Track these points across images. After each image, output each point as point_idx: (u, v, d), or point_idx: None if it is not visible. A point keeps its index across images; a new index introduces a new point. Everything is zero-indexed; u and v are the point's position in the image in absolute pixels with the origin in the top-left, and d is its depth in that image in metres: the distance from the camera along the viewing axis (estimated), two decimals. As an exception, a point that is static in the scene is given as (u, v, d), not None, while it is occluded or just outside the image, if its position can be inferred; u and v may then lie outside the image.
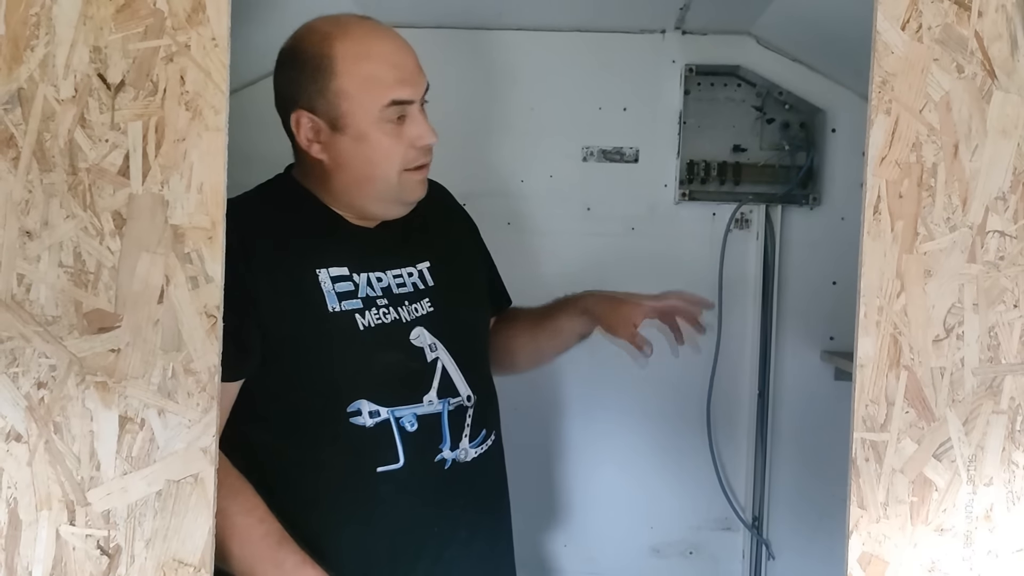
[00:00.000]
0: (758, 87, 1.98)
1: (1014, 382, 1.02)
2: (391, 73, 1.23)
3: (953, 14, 1.00)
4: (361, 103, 1.22)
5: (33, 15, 0.99)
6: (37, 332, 1.00)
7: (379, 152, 1.23)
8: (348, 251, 1.28)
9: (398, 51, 1.25)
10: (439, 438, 1.27)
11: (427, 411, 1.26)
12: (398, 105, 1.23)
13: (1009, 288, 1.01)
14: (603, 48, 2.00)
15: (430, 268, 1.34)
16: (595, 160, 2.03)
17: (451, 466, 1.28)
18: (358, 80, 1.22)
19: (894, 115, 1.01)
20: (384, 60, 1.23)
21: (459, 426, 1.29)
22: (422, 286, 1.32)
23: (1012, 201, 1.01)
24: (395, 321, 1.27)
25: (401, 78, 1.23)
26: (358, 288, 1.26)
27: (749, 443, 2.04)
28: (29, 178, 0.99)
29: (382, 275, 1.29)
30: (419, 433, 1.25)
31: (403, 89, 1.23)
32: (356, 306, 1.25)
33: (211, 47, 1.00)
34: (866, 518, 1.02)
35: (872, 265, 1.02)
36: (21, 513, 1.00)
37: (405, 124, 1.24)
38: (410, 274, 1.32)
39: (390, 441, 1.23)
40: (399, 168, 1.25)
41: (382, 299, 1.27)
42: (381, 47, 1.24)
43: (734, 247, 2.01)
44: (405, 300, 1.29)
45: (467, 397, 1.30)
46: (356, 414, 1.22)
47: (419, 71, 1.26)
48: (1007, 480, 1.02)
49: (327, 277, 1.24)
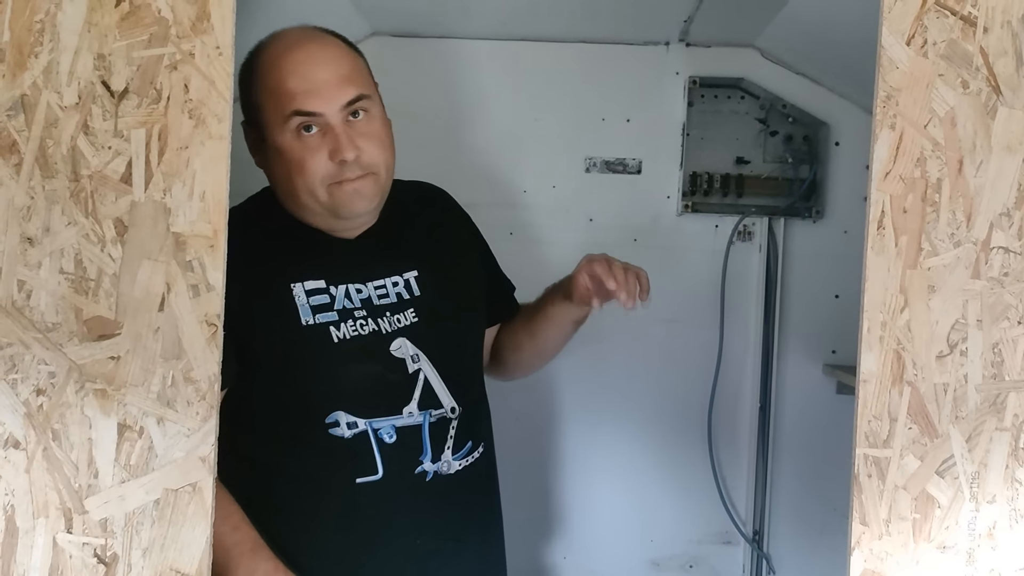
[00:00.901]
0: (761, 99, 1.98)
1: (1018, 399, 1.01)
2: (296, 84, 1.20)
3: (958, 30, 1.00)
4: (269, 115, 1.22)
5: (38, 22, 0.99)
6: (37, 339, 0.99)
7: (293, 164, 1.21)
8: (325, 264, 1.28)
9: (309, 62, 1.22)
10: (419, 450, 1.26)
11: (406, 423, 1.26)
12: (304, 116, 1.20)
13: (1013, 305, 1.01)
14: (607, 59, 2.00)
15: (418, 277, 1.33)
16: (598, 171, 2.02)
17: (433, 478, 1.27)
18: (266, 91, 1.22)
19: (898, 130, 1.01)
20: (291, 71, 1.21)
21: (441, 438, 1.28)
22: (407, 296, 1.31)
23: (1016, 217, 1.01)
24: (374, 332, 1.26)
25: (306, 89, 1.20)
26: (334, 300, 1.26)
27: (750, 456, 2.03)
28: (31, 184, 0.99)
29: (362, 287, 1.28)
30: (398, 445, 1.24)
31: (307, 100, 1.19)
32: (331, 319, 1.25)
33: (215, 56, 1.00)
34: (868, 535, 1.02)
35: (876, 280, 1.01)
36: (18, 520, 1.00)
37: (324, 137, 1.21)
38: (395, 284, 1.31)
39: (368, 452, 1.23)
40: (321, 182, 1.22)
41: (360, 311, 1.27)
42: (291, 57, 1.22)
43: (737, 259, 2.01)
44: (386, 311, 1.29)
45: (451, 409, 1.29)
46: (334, 425, 1.23)
47: (338, 82, 1.22)
48: (1010, 498, 1.01)
49: (301, 291, 1.24)
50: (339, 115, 1.21)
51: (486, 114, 2.02)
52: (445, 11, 1.87)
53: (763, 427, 2.02)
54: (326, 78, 1.22)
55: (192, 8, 1.00)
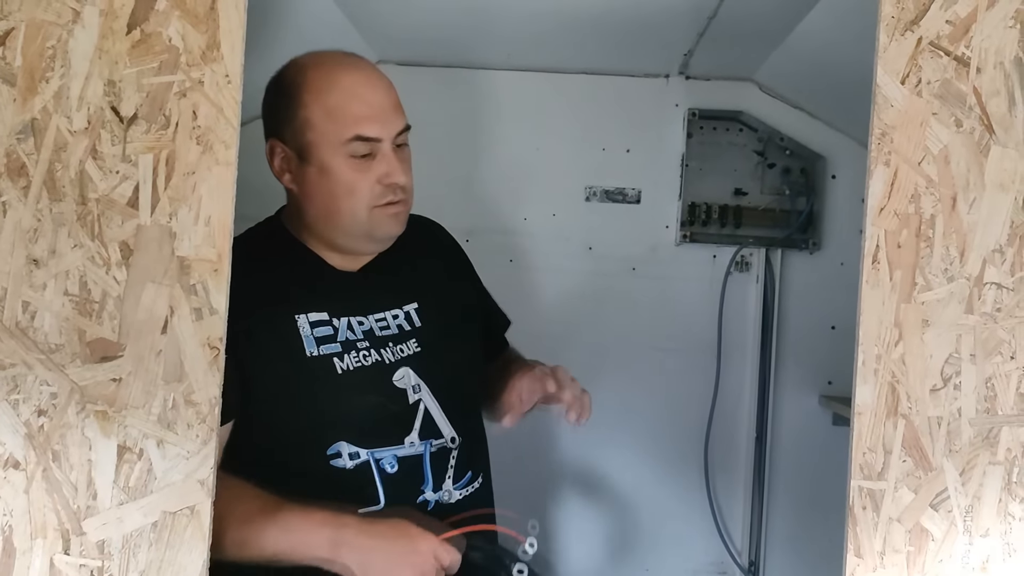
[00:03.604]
0: (760, 132, 2.00)
1: (1011, 433, 1.02)
2: (357, 108, 1.22)
3: (952, 70, 1.02)
4: (324, 134, 1.22)
5: (49, 47, 1.01)
6: (40, 359, 1.00)
7: (342, 186, 1.22)
8: (329, 296, 1.28)
9: (369, 86, 1.24)
10: (421, 480, 1.26)
11: (408, 452, 1.25)
12: (363, 141, 1.21)
13: (1006, 340, 1.02)
14: (608, 90, 2.03)
15: (418, 310, 1.33)
16: (598, 200, 2.04)
17: (434, 508, 1.26)
18: (322, 111, 1.22)
19: (893, 167, 1.02)
20: (351, 94, 1.22)
21: (442, 468, 1.28)
22: (408, 327, 1.31)
23: (1009, 254, 1.02)
24: (377, 363, 1.26)
25: (368, 114, 1.22)
26: (337, 332, 1.26)
27: (746, 487, 2.03)
28: (39, 207, 1.00)
29: (363, 319, 1.29)
30: (400, 475, 1.24)
31: (369, 125, 1.21)
32: (335, 350, 1.25)
33: (224, 83, 1.01)
34: (863, 567, 1.02)
35: (871, 313, 1.03)
36: (16, 541, 1.00)
37: (375, 161, 1.23)
38: (395, 316, 1.31)
39: (370, 483, 1.23)
40: (367, 204, 1.23)
41: (363, 342, 1.27)
42: (350, 79, 1.23)
43: (734, 289, 2.02)
44: (389, 341, 1.29)
45: (451, 439, 1.29)
46: (336, 456, 1.22)
47: (393, 110, 1.24)
48: (1004, 532, 1.02)
49: (306, 322, 1.24)
50: (391, 142, 1.24)
51: (488, 143, 2.04)
52: (451, 41, 1.89)
53: (759, 457, 2.02)
54: (385, 104, 1.24)
55: (202, 37, 1.02)
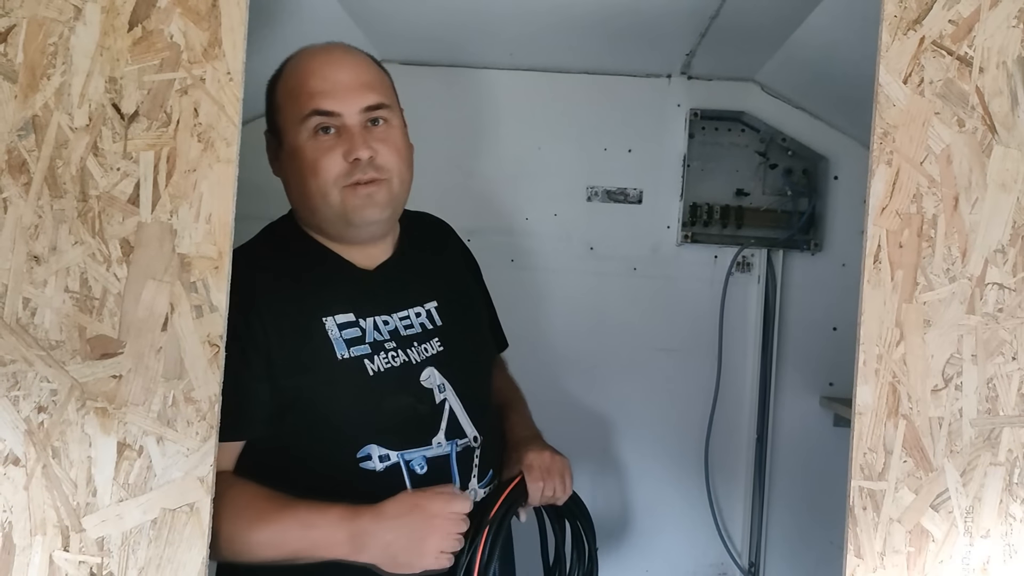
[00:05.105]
0: (762, 133, 2.00)
1: (1012, 434, 1.02)
2: (314, 83, 1.21)
3: (955, 70, 1.02)
4: (288, 115, 1.23)
5: (51, 44, 1.01)
6: (40, 356, 1.00)
7: (307, 164, 1.21)
8: (352, 296, 1.27)
9: (330, 64, 1.23)
10: (449, 480, 1.25)
11: (436, 453, 1.25)
12: (322, 116, 1.20)
13: (1008, 340, 1.02)
14: (610, 91, 2.03)
15: (438, 308, 1.33)
16: (599, 200, 2.04)
17: None
18: (286, 92, 1.24)
19: (895, 166, 1.02)
20: (310, 72, 1.23)
21: (467, 467, 1.27)
22: (430, 326, 1.31)
23: (1011, 254, 1.02)
24: (405, 364, 1.26)
25: (324, 89, 1.21)
26: (365, 333, 1.25)
27: (747, 488, 2.03)
28: (39, 204, 1.01)
29: (388, 318, 1.28)
30: (429, 475, 1.23)
31: (324, 100, 1.20)
32: (364, 351, 1.23)
33: (226, 81, 1.02)
34: (863, 567, 1.02)
35: (872, 313, 1.02)
36: (15, 537, 1.00)
37: (340, 138, 1.22)
38: (417, 314, 1.31)
39: (400, 485, 1.21)
40: (333, 183, 1.21)
41: (390, 342, 1.26)
42: (315, 60, 1.24)
43: (735, 290, 2.02)
44: (414, 341, 1.28)
45: (474, 438, 1.29)
46: (366, 459, 1.21)
47: (357, 86, 1.22)
48: (1004, 532, 1.02)
49: (333, 324, 1.23)
50: (357, 118, 1.22)
51: (490, 142, 2.04)
52: (453, 41, 1.89)
53: (760, 458, 2.02)
54: (346, 81, 1.23)
55: (204, 35, 1.02)
